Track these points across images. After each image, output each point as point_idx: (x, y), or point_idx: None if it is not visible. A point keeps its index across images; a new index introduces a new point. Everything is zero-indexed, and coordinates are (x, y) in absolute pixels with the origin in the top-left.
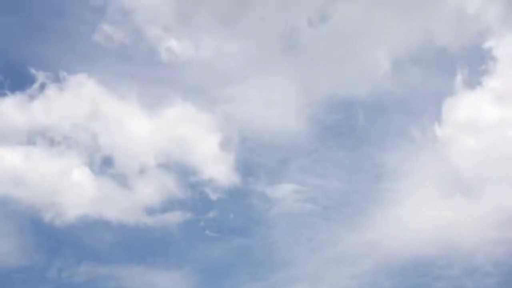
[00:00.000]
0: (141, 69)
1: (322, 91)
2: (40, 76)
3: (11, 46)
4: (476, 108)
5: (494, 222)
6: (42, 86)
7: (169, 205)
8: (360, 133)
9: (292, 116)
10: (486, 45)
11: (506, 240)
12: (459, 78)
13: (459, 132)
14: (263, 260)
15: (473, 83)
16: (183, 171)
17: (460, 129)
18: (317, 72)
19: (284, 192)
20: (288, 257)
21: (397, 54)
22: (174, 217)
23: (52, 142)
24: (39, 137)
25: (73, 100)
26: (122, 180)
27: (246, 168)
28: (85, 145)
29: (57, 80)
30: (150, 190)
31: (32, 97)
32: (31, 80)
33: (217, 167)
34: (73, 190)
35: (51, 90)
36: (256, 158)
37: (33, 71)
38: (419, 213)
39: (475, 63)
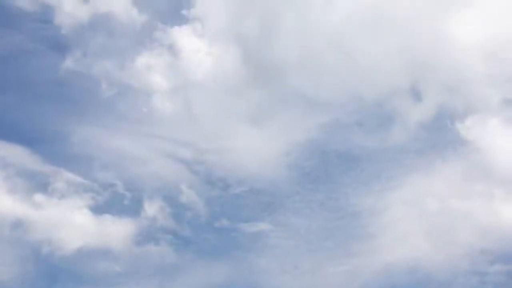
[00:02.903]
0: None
1: (300, 141)
2: None
3: None
4: None
5: (465, 255)
6: None
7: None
8: (336, 178)
9: (272, 164)
10: None
11: (478, 271)
12: None
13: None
14: (252, 286)
15: None
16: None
17: None
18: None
19: (269, 229)
20: (275, 283)
21: None
22: (167, 248)
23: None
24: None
25: None
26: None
27: (233, 209)
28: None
29: None
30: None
31: None
32: None
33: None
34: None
35: None
36: (241, 201)
37: None
38: (395, 246)
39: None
